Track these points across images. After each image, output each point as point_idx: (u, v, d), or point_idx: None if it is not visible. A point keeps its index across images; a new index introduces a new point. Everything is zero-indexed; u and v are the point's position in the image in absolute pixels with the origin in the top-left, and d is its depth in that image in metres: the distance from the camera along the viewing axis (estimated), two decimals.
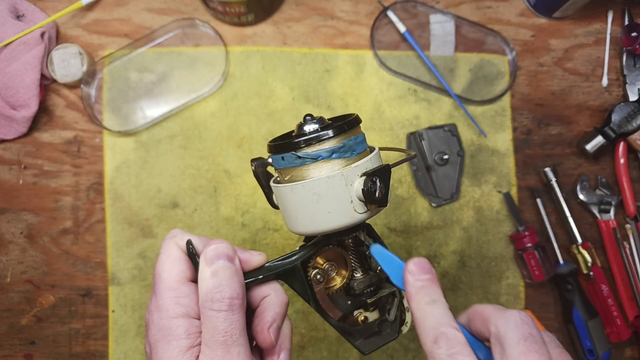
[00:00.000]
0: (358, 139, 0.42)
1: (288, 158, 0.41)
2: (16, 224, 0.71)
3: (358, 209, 0.41)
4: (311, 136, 0.40)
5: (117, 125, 0.72)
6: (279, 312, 0.41)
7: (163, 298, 0.39)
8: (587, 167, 0.75)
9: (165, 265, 0.40)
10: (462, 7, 0.75)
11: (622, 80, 0.75)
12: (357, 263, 0.46)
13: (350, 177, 0.40)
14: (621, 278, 0.72)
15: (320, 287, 0.44)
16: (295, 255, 0.44)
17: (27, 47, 0.68)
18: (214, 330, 0.37)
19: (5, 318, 0.70)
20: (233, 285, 0.38)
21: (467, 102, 0.74)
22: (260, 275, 0.42)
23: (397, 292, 0.46)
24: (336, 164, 0.41)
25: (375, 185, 0.39)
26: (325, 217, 0.41)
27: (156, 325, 0.38)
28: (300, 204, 0.41)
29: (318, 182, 0.40)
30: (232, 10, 0.69)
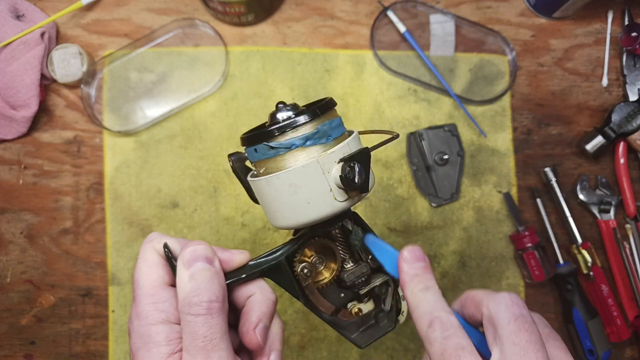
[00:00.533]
0: (333, 123, 0.40)
1: (261, 149, 0.40)
2: (16, 224, 0.71)
3: (338, 197, 0.39)
4: (282, 124, 0.39)
5: (117, 125, 0.72)
6: (265, 312, 0.39)
7: (142, 305, 0.38)
8: (587, 167, 0.75)
9: (142, 271, 0.39)
10: (462, 7, 0.75)
11: (622, 80, 0.75)
12: (347, 253, 0.44)
13: (327, 164, 0.38)
14: (621, 278, 0.72)
15: (309, 281, 0.42)
16: (280, 250, 0.42)
17: (27, 47, 0.68)
18: (193, 336, 0.36)
19: (5, 318, 0.70)
20: (212, 288, 0.37)
21: (467, 102, 0.74)
22: (243, 274, 0.40)
23: (390, 281, 0.45)
24: (312, 151, 0.39)
25: (353, 171, 0.37)
26: (304, 208, 0.39)
27: (136, 333, 0.37)
28: (278, 196, 0.39)
29: (293, 173, 0.38)
30: (232, 10, 0.69)
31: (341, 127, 0.41)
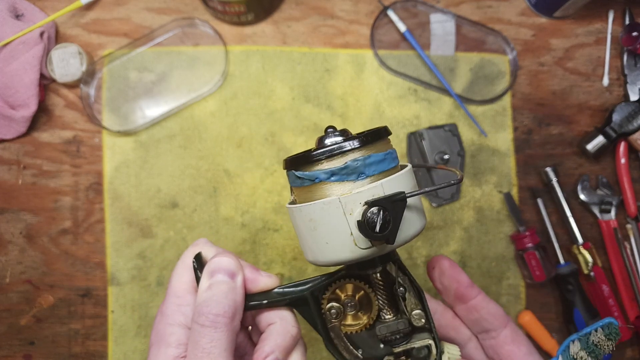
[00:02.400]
0: (370, 158, 0.35)
1: (291, 177, 0.38)
2: (15, 224, 0.71)
3: (359, 243, 0.35)
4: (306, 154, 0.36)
5: (116, 125, 0.72)
6: (279, 344, 0.38)
7: (167, 303, 0.39)
8: (587, 167, 0.75)
9: (177, 272, 0.40)
10: (463, 6, 0.75)
11: (623, 79, 0.75)
12: (385, 302, 0.39)
13: (351, 205, 0.34)
14: (622, 278, 0.72)
15: (336, 323, 0.39)
16: (309, 283, 0.39)
17: (26, 46, 0.68)
18: (195, 345, 0.36)
19: (4, 318, 0.70)
20: (223, 302, 0.36)
21: (467, 102, 0.74)
22: (265, 300, 0.39)
23: (433, 347, 0.39)
24: (340, 188, 0.35)
25: (376, 217, 0.33)
26: (323, 248, 0.36)
27: (155, 329, 0.38)
28: (301, 229, 0.37)
29: (313, 208, 0.35)
30: (231, 9, 0.69)
31: (384, 164, 0.36)
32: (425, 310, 0.39)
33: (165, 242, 0.71)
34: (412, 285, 0.40)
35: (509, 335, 0.44)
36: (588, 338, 0.39)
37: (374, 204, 0.33)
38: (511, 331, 0.44)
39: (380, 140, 0.37)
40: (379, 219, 0.33)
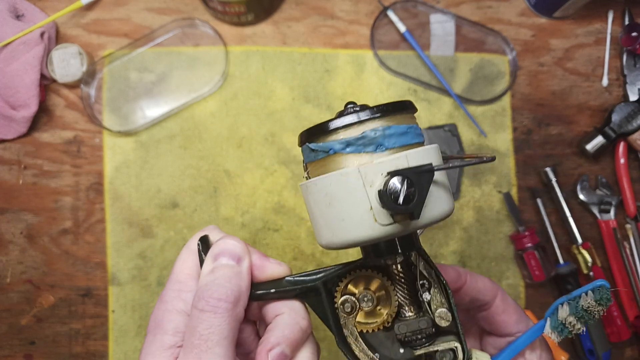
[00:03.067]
0: (391, 129, 0.33)
1: (305, 151, 0.35)
2: (16, 224, 0.71)
3: (380, 218, 0.32)
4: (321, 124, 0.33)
5: (117, 125, 0.72)
6: (286, 336, 0.35)
7: (168, 289, 0.37)
8: (587, 167, 0.75)
9: (181, 257, 0.38)
10: (463, 6, 0.75)
11: (623, 80, 0.75)
12: (406, 298, 0.36)
13: (371, 176, 0.31)
14: (621, 278, 0.72)
15: (350, 319, 0.36)
16: (321, 273, 0.36)
17: (26, 47, 0.68)
18: (192, 331, 0.33)
19: (5, 318, 0.70)
20: (225, 286, 0.34)
21: (467, 102, 0.74)
22: (273, 289, 0.36)
23: (459, 351, 0.36)
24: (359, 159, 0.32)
25: (399, 187, 0.30)
26: (339, 225, 0.33)
27: (153, 315, 0.36)
28: (315, 207, 0.34)
29: (329, 180, 0.32)
30: (231, 9, 0.69)
31: (406, 137, 0.33)
32: (452, 309, 0.36)
33: (165, 242, 0.71)
34: (438, 280, 0.36)
35: (500, 306, 0.43)
36: (577, 302, 0.36)
37: (397, 173, 0.30)
38: (501, 301, 0.43)
39: (403, 113, 0.34)
40: (403, 190, 0.30)
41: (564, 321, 0.37)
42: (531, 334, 0.40)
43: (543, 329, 0.39)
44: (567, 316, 0.37)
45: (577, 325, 0.37)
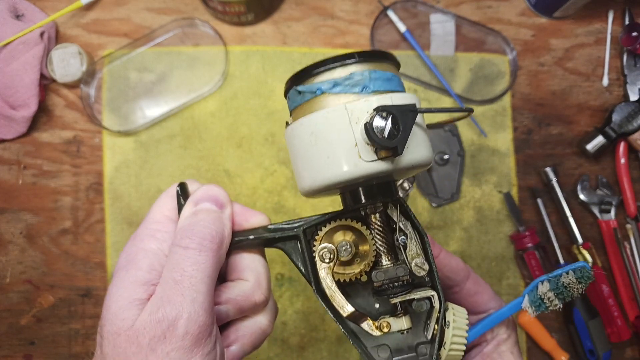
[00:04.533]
0: (376, 73, 0.34)
1: (292, 96, 0.36)
2: (15, 224, 0.71)
3: (364, 155, 0.32)
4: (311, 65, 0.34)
5: (116, 125, 0.72)
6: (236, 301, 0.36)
7: (142, 228, 0.36)
8: (587, 167, 0.75)
9: (160, 201, 0.38)
10: (463, 6, 0.75)
11: (623, 80, 0.75)
12: (384, 247, 0.36)
13: (357, 113, 0.33)
14: (622, 278, 0.72)
15: (327, 268, 0.35)
16: (301, 221, 0.37)
17: (26, 46, 0.68)
18: (174, 268, 0.33)
19: (4, 318, 0.70)
20: (211, 227, 0.34)
21: (467, 102, 0.74)
22: (252, 235, 0.36)
23: (436, 300, 0.36)
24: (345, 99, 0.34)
25: (384, 122, 0.31)
26: (323, 164, 0.33)
27: (125, 252, 0.36)
28: (300, 148, 0.35)
29: (316, 118, 0.33)
30: (231, 9, 0.69)
31: (390, 83, 0.35)
32: (429, 259, 0.36)
33: None
34: (415, 232, 0.37)
35: (472, 288, 0.44)
36: (558, 279, 0.37)
37: (383, 109, 0.32)
38: (473, 283, 0.44)
39: (387, 62, 0.36)
40: (388, 124, 0.31)
41: (542, 296, 0.38)
42: (508, 309, 0.41)
43: (520, 305, 0.40)
44: (547, 292, 0.38)
45: (555, 302, 0.38)
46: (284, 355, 0.71)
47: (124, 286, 0.33)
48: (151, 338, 0.31)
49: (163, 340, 0.31)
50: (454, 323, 0.36)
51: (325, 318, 0.71)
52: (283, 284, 0.71)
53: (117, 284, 0.34)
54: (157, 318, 0.31)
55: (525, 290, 0.40)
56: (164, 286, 0.33)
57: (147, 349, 0.31)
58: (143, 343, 0.31)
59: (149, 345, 0.31)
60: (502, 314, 0.41)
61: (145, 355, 0.31)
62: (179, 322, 0.31)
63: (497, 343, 0.43)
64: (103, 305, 0.34)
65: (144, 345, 0.31)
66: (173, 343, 0.31)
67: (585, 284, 0.37)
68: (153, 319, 0.31)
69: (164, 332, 0.31)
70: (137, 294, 0.33)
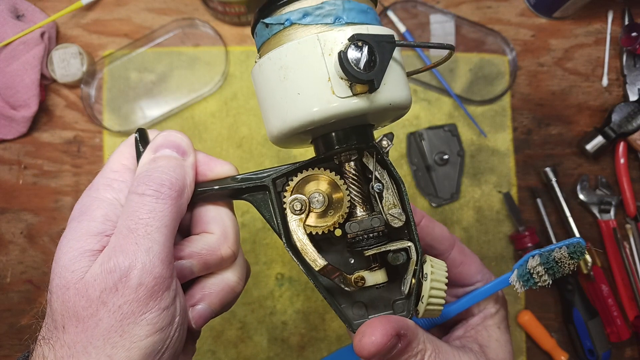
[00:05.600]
0: (350, 4, 0.31)
1: (259, 31, 0.33)
2: (16, 224, 0.71)
3: (338, 90, 0.29)
4: None
5: (117, 125, 0.72)
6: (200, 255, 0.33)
7: (99, 177, 0.34)
8: (587, 167, 0.75)
9: (118, 150, 0.35)
10: (462, 7, 0.75)
11: (622, 80, 0.75)
12: (358, 198, 0.34)
13: (330, 45, 0.30)
14: (621, 278, 0.72)
15: (299, 220, 0.33)
16: (270, 171, 0.34)
17: (27, 47, 0.68)
18: (129, 216, 0.30)
19: (5, 318, 0.70)
20: (170, 174, 0.32)
21: (467, 102, 0.74)
22: (217, 185, 0.34)
23: (413, 252, 0.34)
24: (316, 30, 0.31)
25: (360, 52, 0.28)
26: (293, 101, 0.30)
27: (79, 202, 0.33)
28: (268, 86, 0.32)
29: (285, 50, 0.30)
30: (232, 10, 0.69)
31: (365, 15, 0.32)
32: (406, 209, 0.34)
33: None
34: (391, 181, 0.34)
35: (457, 257, 0.43)
36: (550, 254, 0.36)
37: (359, 38, 0.29)
38: (459, 252, 0.43)
39: None
40: (364, 54, 0.28)
41: (532, 271, 0.37)
42: (496, 284, 0.40)
43: (508, 280, 0.39)
44: (537, 266, 0.36)
45: (545, 277, 0.36)
46: (284, 355, 0.71)
47: (75, 237, 0.31)
48: (102, 290, 0.29)
49: (115, 292, 0.29)
50: (432, 275, 0.33)
51: (325, 318, 0.71)
52: (283, 283, 0.71)
53: (68, 236, 0.32)
54: (108, 268, 0.29)
55: (515, 264, 0.39)
56: (117, 235, 0.30)
57: (97, 302, 0.29)
58: (93, 296, 0.29)
59: (99, 298, 0.29)
60: (490, 289, 0.40)
61: (95, 309, 0.29)
62: (132, 272, 0.29)
63: (484, 316, 0.41)
64: (53, 259, 0.32)
65: (94, 298, 0.29)
66: (126, 295, 0.29)
67: (578, 259, 0.35)
68: (104, 269, 0.29)
69: (115, 284, 0.29)
70: (88, 245, 0.31)
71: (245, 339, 0.70)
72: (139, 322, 0.29)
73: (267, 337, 0.71)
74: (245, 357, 0.70)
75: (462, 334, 0.41)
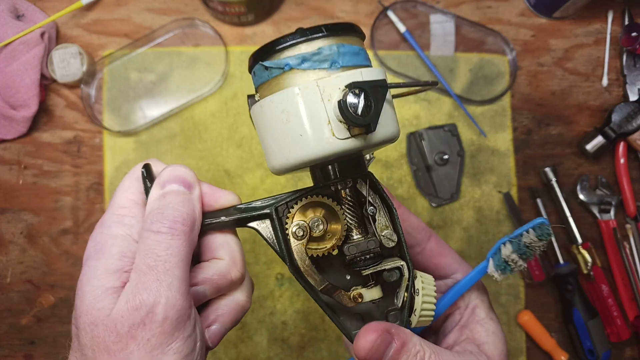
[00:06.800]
0: (344, 48, 0.33)
1: (257, 71, 0.35)
2: (16, 224, 0.71)
3: (337, 132, 0.32)
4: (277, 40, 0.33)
5: (117, 125, 0.72)
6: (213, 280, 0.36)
7: (109, 214, 0.36)
8: (587, 167, 0.75)
9: (123, 184, 0.37)
10: (462, 7, 0.75)
11: (622, 80, 0.75)
12: (355, 223, 0.37)
13: (329, 90, 0.32)
14: (621, 278, 0.72)
15: (300, 244, 0.35)
16: (272, 200, 0.37)
17: (27, 47, 0.68)
18: (147, 253, 0.32)
19: (5, 318, 0.70)
20: (181, 210, 0.34)
21: (467, 102, 0.74)
22: (223, 216, 0.36)
23: (405, 269, 0.37)
24: (315, 75, 0.33)
25: (357, 99, 0.31)
26: (295, 142, 0.33)
27: (93, 240, 0.35)
28: (270, 126, 0.34)
29: (287, 95, 0.33)
30: (232, 10, 0.69)
31: (358, 57, 0.34)
32: (397, 230, 0.37)
33: None
34: (383, 204, 0.37)
35: (434, 248, 0.43)
36: (520, 240, 0.38)
37: (356, 85, 0.31)
38: (436, 243, 0.43)
39: (353, 35, 0.35)
40: (361, 101, 0.31)
41: (507, 259, 0.38)
42: (474, 275, 0.41)
43: (486, 269, 0.40)
44: (511, 253, 0.38)
45: (519, 262, 0.38)
46: (284, 355, 0.71)
47: (96, 275, 0.33)
48: (130, 326, 0.31)
49: (143, 327, 0.31)
50: (423, 290, 0.37)
51: (325, 318, 0.71)
52: (283, 283, 0.71)
53: (88, 274, 0.34)
54: (134, 305, 0.31)
55: (488, 253, 0.40)
56: (138, 273, 0.32)
57: (127, 337, 0.31)
58: (122, 331, 0.31)
59: (128, 332, 0.31)
60: (470, 280, 0.41)
61: (125, 344, 0.31)
62: (157, 308, 0.31)
63: (471, 310, 0.42)
64: (76, 296, 0.34)
65: (124, 333, 0.31)
66: (153, 329, 0.31)
67: (546, 239, 0.37)
68: (130, 306, 0.31)
69: (142, 319, 0.31)
70: (110, 282, 0.33)
71: (245, 339, 0.70)
72: (167, 351, 0.31)
73: (267, 337, 0.71)
74: (245, 357, 0.70)
75: (457, 337, 0.41)
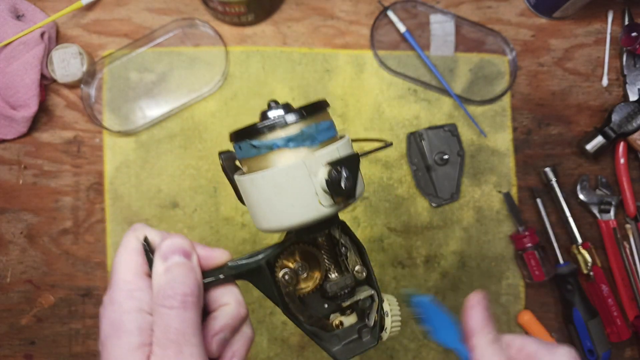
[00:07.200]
0: (320, 126, 0.39)
1: (244, 147, 0.39)
2: (16, 224, 0.71)
3: (324, 201, 0.38)
4: (263, 124, 0.38)
5: (117, 125, 0.72)
6: (229, 324, 0.39)
7: (117, 291, 0.37)
8: (587, 167, 0.75)
9: (122, 258, 0.38)
10: (462, 7, 0.75)
11: (622, 80, 0.75)
12: (332, 263, 0.43)
13: (314, 167, 0.37)
14: (621, 278, 0.72)
15: (290, 288, 0.41)
16: (262, 254, 0.41)
17: (27, 47, 0.68)
18: (166, 328, 0.35)
19: (5, 318, 0.70)
20: (187, 282, 0.36)
21: (467, 102, 0.74)
22: (221, 275, 0.39)
23: (375, 296, 0.44)
24: (298, 152, 0.38)
25: (340, 175, 0.37)
26: (288, 211, 0.38)
27: (107, 320, 0.36)
28: (262, 197, 0.39)
29: (279, 172, 0.37)
30: (232, 10, 0.69)
31: (330, 131, 0.40)
32: (366, 263, 0.43)
33: None
34: (352, 244, 0.43)
35: None
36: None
37: (338, 163, 0.37)
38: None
39: (323, 111, 0.40)
40: (344, 176, 0.37)
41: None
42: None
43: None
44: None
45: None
46: (284, 355, 0.71)
47: (121, 355, 0.35)
48: None
49: None
50: (391, 312, 0.44)
51: None
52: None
53: (113, 353, 0.35)
54: None
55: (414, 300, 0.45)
56: (161, 347, 0.35)
57: None
58: None
59: None
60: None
61: None
62: None
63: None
64: None
65: None
66: None
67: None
68: None
69: None
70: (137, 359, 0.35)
71: None
72: None
73: (267, 337, 0.71)
74: None
75: None
